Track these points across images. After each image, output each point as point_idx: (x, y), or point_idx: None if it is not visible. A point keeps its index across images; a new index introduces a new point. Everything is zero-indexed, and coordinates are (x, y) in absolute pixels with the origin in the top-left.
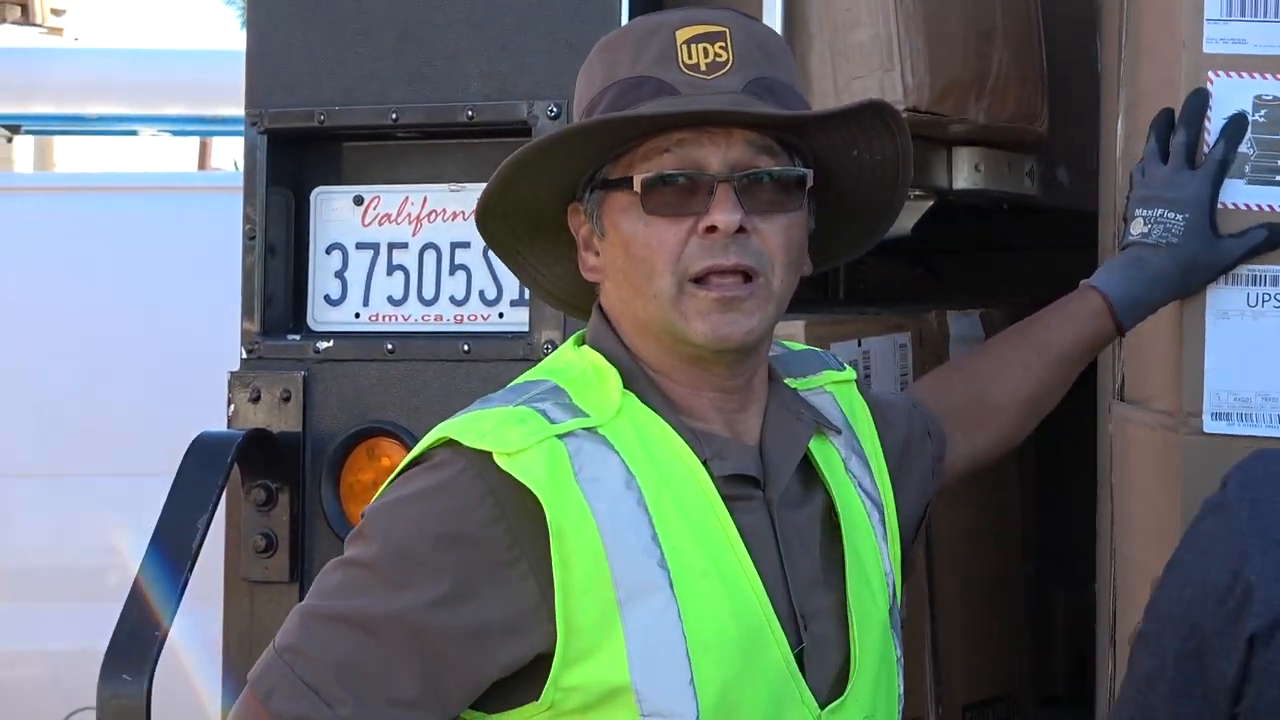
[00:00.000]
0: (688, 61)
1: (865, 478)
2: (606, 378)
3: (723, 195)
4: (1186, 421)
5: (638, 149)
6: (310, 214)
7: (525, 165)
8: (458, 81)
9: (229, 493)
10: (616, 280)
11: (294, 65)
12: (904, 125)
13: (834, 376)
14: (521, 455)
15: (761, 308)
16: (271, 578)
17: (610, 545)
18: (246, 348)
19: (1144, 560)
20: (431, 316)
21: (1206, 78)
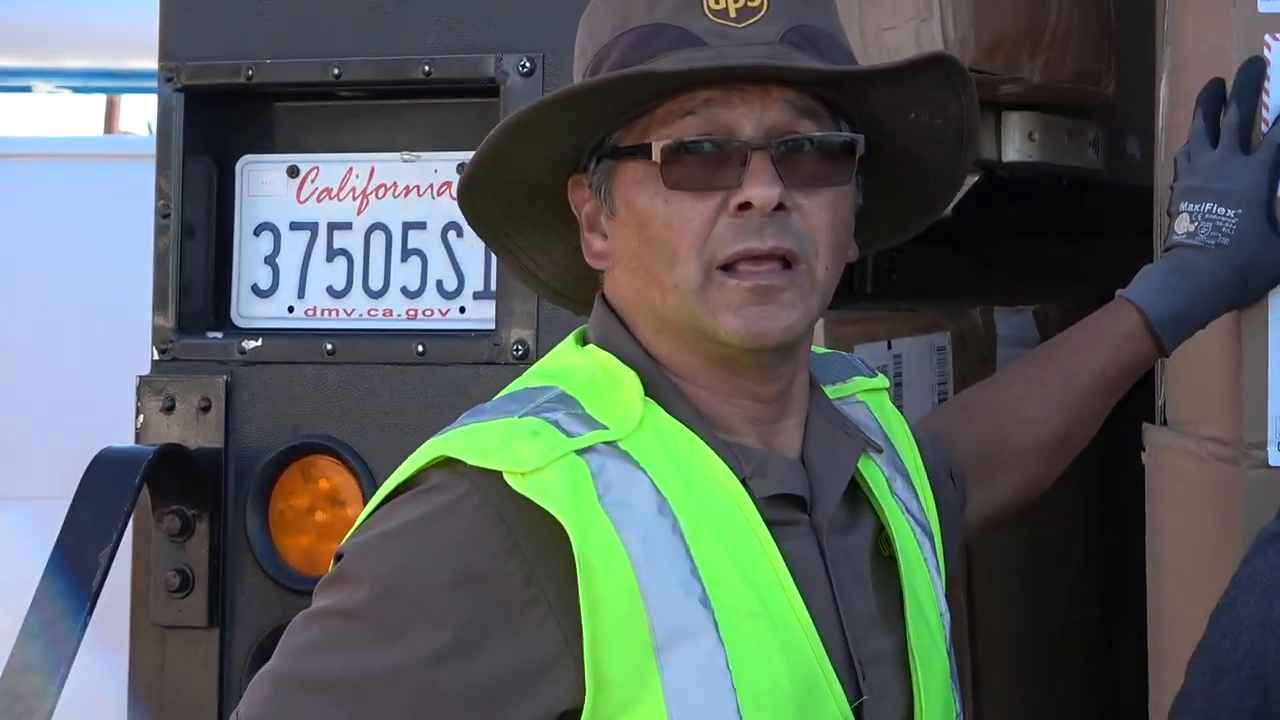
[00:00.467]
0: (715, 6)
1: (912, 501)
2: (623, 383)
3: (758, 166)
4: (1248, 453)
5: (656, 110)
6: (236, 188)
7: (522, 128)
8: (412, 30)
9: (137, 520)
10: (629, 268)
11: (217, 9)
12: (971, 83)
13: (866, 384)
14: (538, 475)
15: (804, 299)
16: (186, 621)
17: (645, 580)
18: (159, 347)
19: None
20: (379, 311)
21: (1263, 42)
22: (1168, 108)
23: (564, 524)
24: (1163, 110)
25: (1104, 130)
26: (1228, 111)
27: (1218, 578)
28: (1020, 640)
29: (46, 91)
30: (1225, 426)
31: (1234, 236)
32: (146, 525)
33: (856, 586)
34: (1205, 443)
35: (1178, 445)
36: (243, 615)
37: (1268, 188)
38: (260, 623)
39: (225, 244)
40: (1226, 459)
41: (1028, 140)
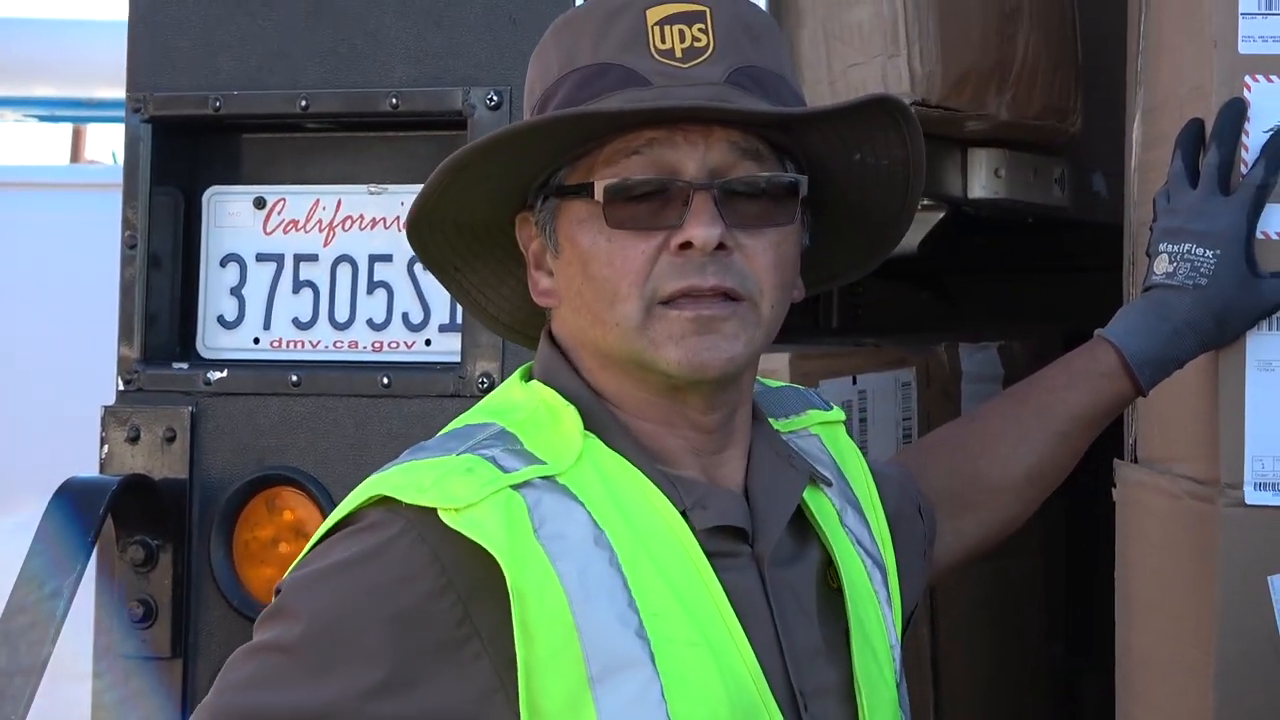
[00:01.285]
0: (660, 46)
1: (864, 533)
2: (562, 418)
3: (700, 206)
4: (1224, 492)
5: (600, 150)
6: (202, 219)
7: (465, 169)
8: (380, 63)
9: (100, 550)
10: (573, 305)
11: (185, 41)
12: (916, 125)
13: (820, 417)
14: (472, 510)
15: (746, 330)
16: (150, 652)
17: (579, 613)
18: (124, 378)
19: (1155, 655)
20: (345, 343)
21: (1244, 83)
22: (1140, 148)
23: (497, 558)
24: (1135, 151)
25: (1070, 167)
26: (1207, 152)
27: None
28: (984, 676)
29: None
30: (1200, 465)
31: (1212, 277)
32: (110, 555)
33: (800, 618)
34: (1179, 480)
35: (1150, 482)
36: (206, 646)
37: (1246, 229)
38: (224, 654)
39: (191, 275)
40: (1202, 497)
41: (994, 177)
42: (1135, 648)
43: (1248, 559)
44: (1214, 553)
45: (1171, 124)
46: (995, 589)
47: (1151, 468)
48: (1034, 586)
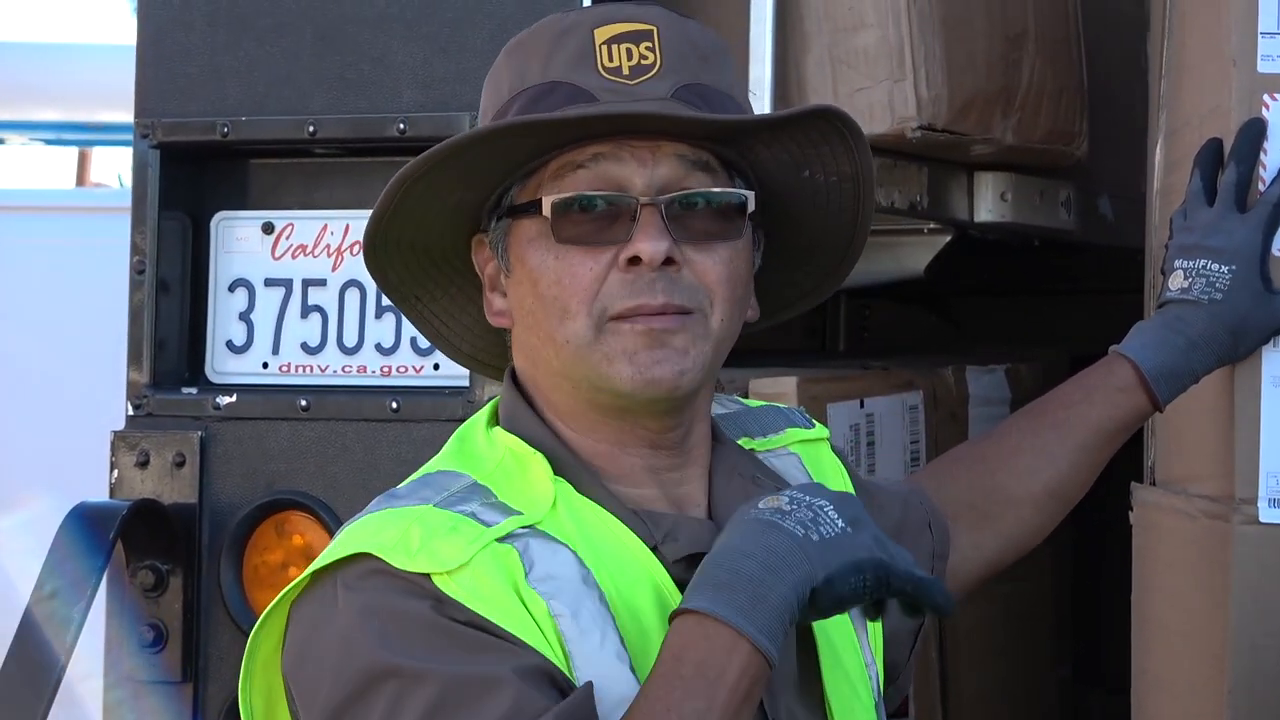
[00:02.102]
0: (608, 64)
1: None
2: (530, 466)
3: (647, 220)
4: (1238, 509)
5: (547, 167)
6: (210, 244)
7: (415, 183)
8: (387, 88)
9: (111, 575)
10: (526, 324)
11: (193, 67)
12: (863, 139)
13: (800, 435)
14: (464, 573)
15: (697, 344)
16: (161, 676)
17: (576, 652)
18: (133, 402)
19: (1171, 676)
20: (354, 367)
21: (1262, 102)
22: (1163, 170)
23: (499, 623)
24: (1158, 173)
25: (1076, 190)
26: (1225, 171)
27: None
28: (993, 699)
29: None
30: (1216, 484)
31: (1227, 292)
32: (120, 580)
33: None
34: (1195, 500)
35: (1166, 503)
36: (216, 670)
37: (1261, 245)
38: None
39: (200, 300)
40: (1216, 515)
41: (1000, 200)
42: (1150, 669)
43: (1261, 576)
44: (1228, 571)
45: (1192, 146)
46: (1004, 611)
47: (1168, 489)
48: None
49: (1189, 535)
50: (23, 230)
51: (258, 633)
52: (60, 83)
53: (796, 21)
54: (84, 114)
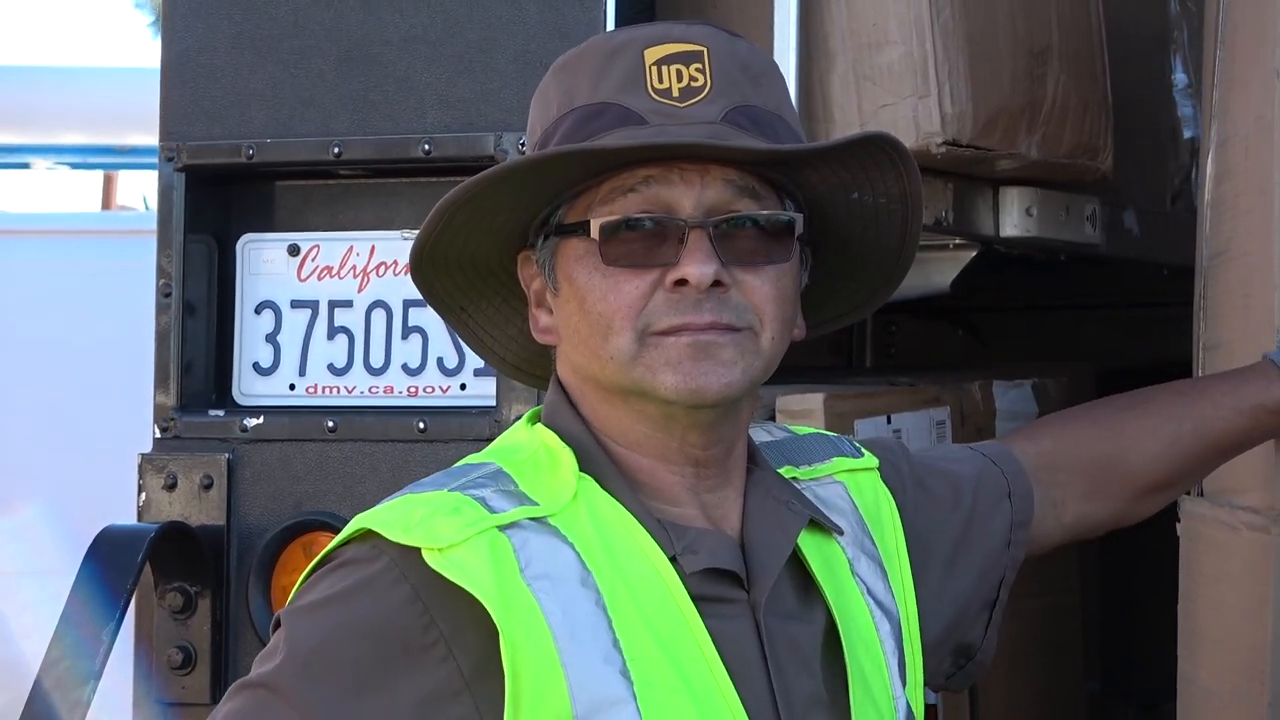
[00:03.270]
0: (658, 86)
1: (877, 583)
2: (559, 459)
3: (695, 243)
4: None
5: (599, 188)
6: (236, 266)
7: (464, 206)
8: (411, 109)
9: (139, 597)
10: (572, 342)
11: (218, 89)
12: (912, 163)
13: (847, 464)
14: (454, 551)
15: (744, 358)
16: (189, 699)
17: (565, 651)
18: (160, 425)
19: (1217, 686)
20: (380, 388)
21: None
22: (1213, 181)
23: (482, 600)
24: (1209, 184)
25: (1102, 205)
26: None
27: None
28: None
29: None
30: (1259, 496)
31: None
32: (149, 602)
33: (797, 668)
34: (1239, 512)
35: (1211, 515)
36: None
37: None
38: None
39: (226, 322)
40: (1258, 527)
41: (1025, 215)
42: (1198, 680)
43: None
44: (1269, 582)
45: (1238, 156)
46: (1035, 625)
47: (1214, 501)
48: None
49: (1233, 547)
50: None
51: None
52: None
53: (821, 39)
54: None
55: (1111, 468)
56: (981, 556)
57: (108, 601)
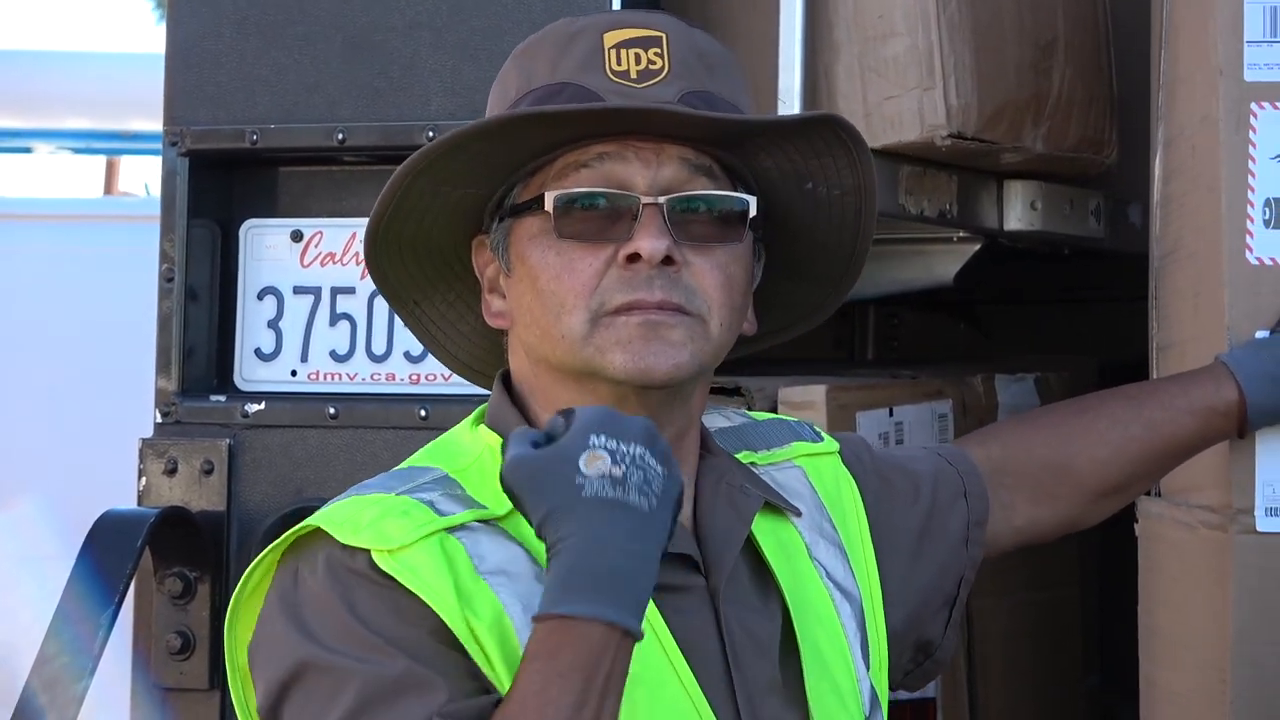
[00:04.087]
0: (616, 68)
1: (837, 566)
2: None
3: (648, 219)
4: (1236, 519)
5: (552, 165)
6: (239, 251)
7: (420, 174)
8: (416, 96)
9: (138, 582)
10: (524, 323)
11: (222, 75)
12: (866, 150)
13: (806, 449)
14: (404, 553)
15: (694, 341)
16: (188, 684)
17: (524, 642)
18: (161, 410)
19: (1179, 687)
20: (382, 375)
21: (1250, 111)
22: (1162, 182)
23: (428, 602)
24: (1157, 184)
25: (1106, 199)
26: None
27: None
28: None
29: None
30: (1215, 494)
31: None
32: (148, 587)
33: (755, 654)
34: (1195, 511)
35: (1169, 514)
36: None
37: None
38: None
39: (229, 307)
40: (1215, 525)
41: (1029, 209)
42: (1158, 680)
43: (1260, 585)
44: (1228, 580)
45: (1185, 156)
46: (1034, 620)
47: (1171, 500)
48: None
49: (1190, 546)
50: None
51: (235, 612)
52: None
53: (826, 30)
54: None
55: (1060, 472)
56: (942, 551)
57: (107, 586)
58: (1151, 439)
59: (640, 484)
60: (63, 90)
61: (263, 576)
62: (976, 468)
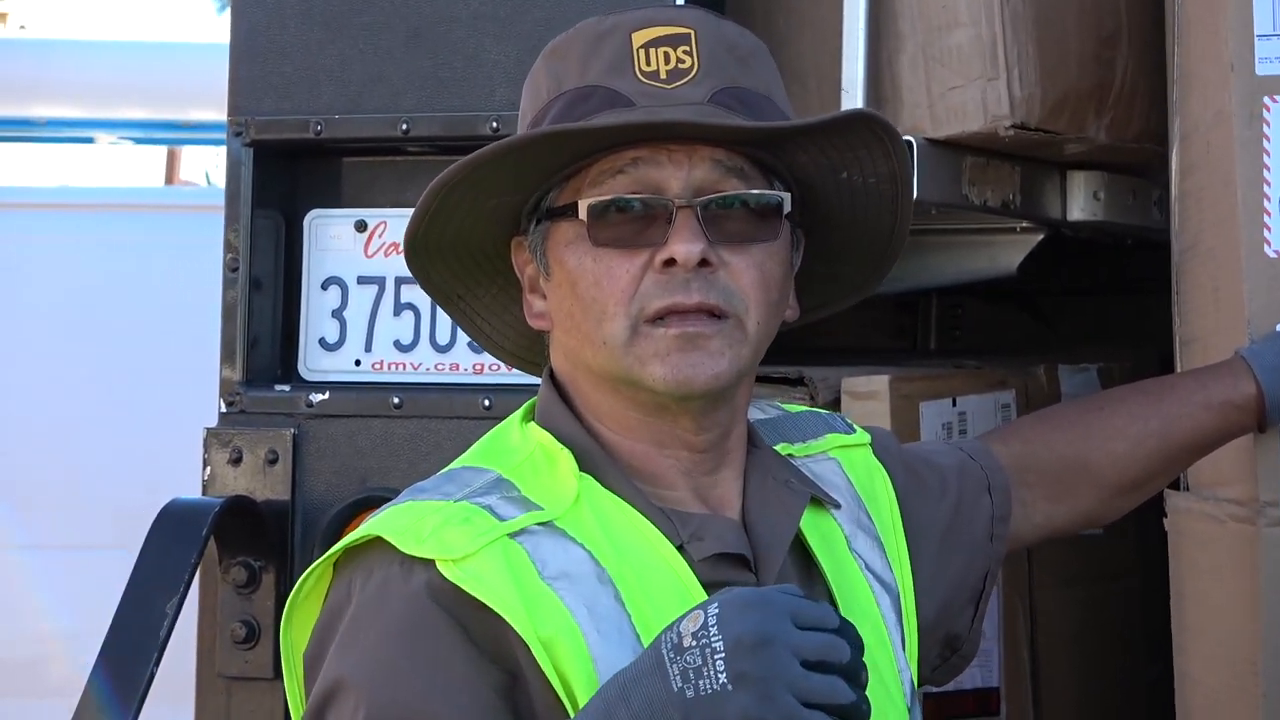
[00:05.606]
0: (645, 68)
1: (875, 557)
2: (558, 462)
3: (682, 223)
4: (1263, 511)
5: (587, 171)
6: (304, 242)
7: (455, 188)
8: (480, 87)
9: (203, 572)
10: (565, 327)
11: (287, 65)
12: (900, 143)
13: (840, 440)
14: (469, 561)
15: (732, 348)
16: (252, 673)
17: (595, 647)
18: (226, 400)
19: (1212, 680)
20: (446, 365)
21: (1262, 105)
22: (1179, 176)
23: (501, 613)
24: (1175, 179)
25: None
26: None
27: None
28: (1082, 698)
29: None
30: (1242, 488)
31: None
32: (213, 577)
33: None
34: (1223, 504)
35: (1197, 509)
36: None
37: None
38: None
39: (293, 298)
40: (1243, 519)
41: (1092, 199)
42: (1190, 674)
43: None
44: (1256, 573)
45: (1200, 151)
46: (1096, 610)
47: (1199, 494)
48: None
49: (1219, 540)
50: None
51: (289, 616)
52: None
53: (890, 20)
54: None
55: (1078, 469)
56: (968, 545)
57: (171, 576)
58: (1169, 434)
59: (690, 668)
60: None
61: (316, 582)
62: (999, 463)
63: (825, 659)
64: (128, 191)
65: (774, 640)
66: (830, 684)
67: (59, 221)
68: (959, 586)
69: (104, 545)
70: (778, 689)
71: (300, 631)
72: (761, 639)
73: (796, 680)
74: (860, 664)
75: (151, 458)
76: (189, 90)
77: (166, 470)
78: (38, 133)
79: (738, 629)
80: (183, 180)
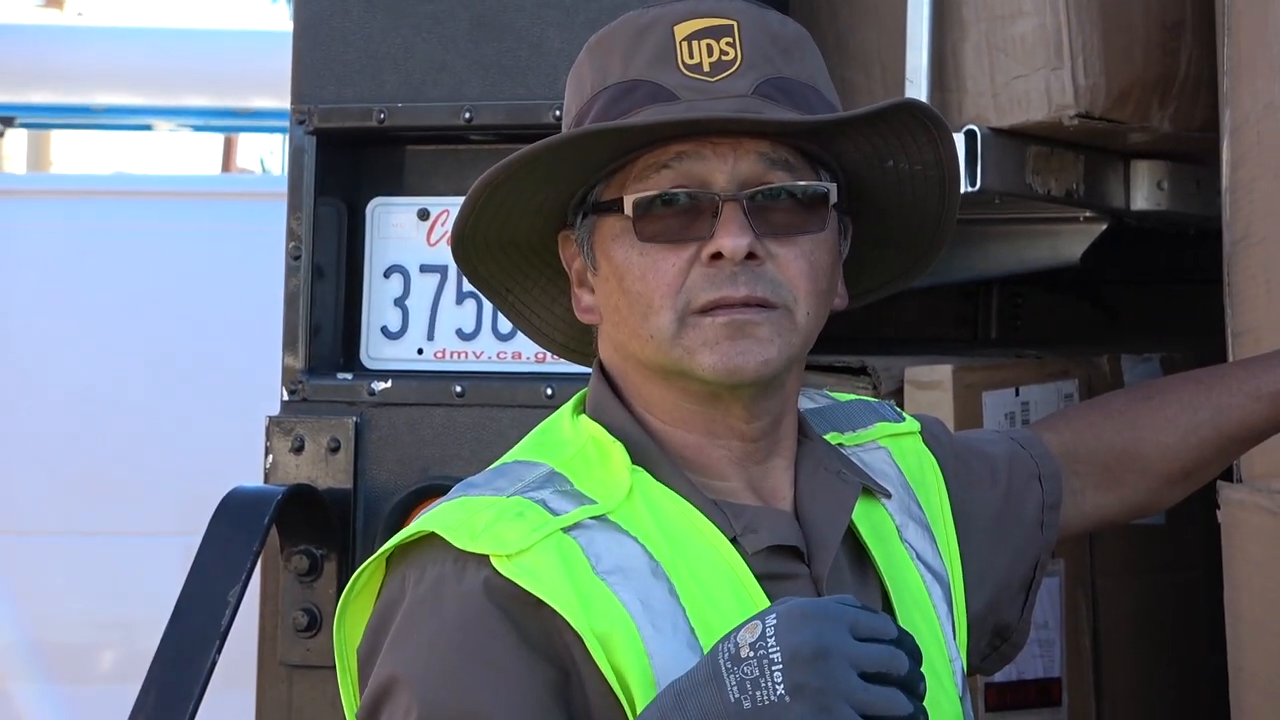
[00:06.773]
0: (688, 61)
1: (926, 547)
2: (610, 454)
3: (729, 216)
4: None
5: (633, 165)
6: (366, 230)
7: (499, 187)
8: (543, 75)
9: (265, 560)
10: (613, 320)
11: (349, 54)
12: (946, 130)
13: (889, 429)
14: (523, 557)
15: (781, 336)
16: (314, 661)
17: (650, 642)
18: (288, 388)
19: (1265, 672)
20: (508, 354)
21: None
22: (1230, 168)
23: (555, 606)
24: (1226, 171)
25: None
26: None
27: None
28: (1144, 687)
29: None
30: None
31: None
32: (275, 565)
33: None
34: (1276, 496)
35: (1250, 501)
36: None
37: None
38: None
39: (355, 286)
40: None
41: (1156, 189)
42: (1245, 668)
43: None
44: None
45: (1250, 142)
46: (1158, 600)
47: (1252, 486)
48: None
49: (1273, 531)
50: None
51: (343, 611)
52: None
53: (954, 9)
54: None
55: (1127, 458)
56: (1018, 534)
57: (233, 563)
58: (1219, 424)
59: (747, 680)
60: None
61: (370, 577)
62: (1049, 451)
63: (884, 670)
64: (185, 179)
65: (832, 652)
66: (888, 696)
67: (119, 208)
68: (1009, 575)
69: (167, 532)
70: (836, 701)
71: (353, 628)
72: (819, 651)
73: (855, 692)
74: (918, 674)
75: (213, 446)
76: (247, 77)
77: (228, 458)
78: (95, 120)
79: (795, 640)
80: (239, 168)
